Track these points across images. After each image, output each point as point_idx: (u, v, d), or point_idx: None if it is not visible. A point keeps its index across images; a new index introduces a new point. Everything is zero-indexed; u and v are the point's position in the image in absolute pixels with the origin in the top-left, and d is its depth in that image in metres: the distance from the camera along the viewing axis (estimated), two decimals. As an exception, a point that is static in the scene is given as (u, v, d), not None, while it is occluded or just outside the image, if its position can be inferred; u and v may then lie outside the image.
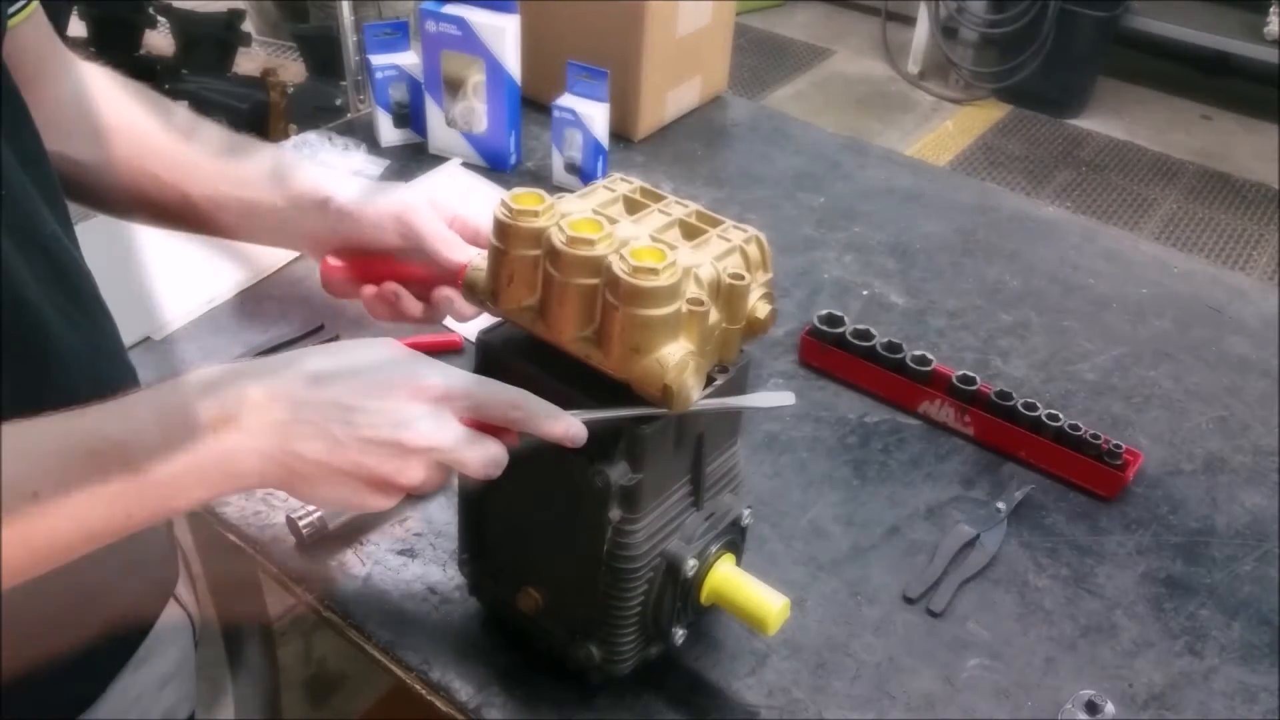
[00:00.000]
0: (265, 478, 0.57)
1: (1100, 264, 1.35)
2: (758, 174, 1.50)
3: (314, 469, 0.57)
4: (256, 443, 0.55)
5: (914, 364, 1.07)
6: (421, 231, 0.79)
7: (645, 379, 0.61)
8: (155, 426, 0.54)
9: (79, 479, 0.51)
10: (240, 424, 0.55)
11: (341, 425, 0.57)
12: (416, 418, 0.59)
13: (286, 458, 0.56)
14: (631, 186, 0.72)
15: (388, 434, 0.58)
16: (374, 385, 0.58)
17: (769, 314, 0.68)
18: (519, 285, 0.65)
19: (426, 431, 0.59)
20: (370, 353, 0.61)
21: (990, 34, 3.66)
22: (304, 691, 1.75)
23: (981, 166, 3.36)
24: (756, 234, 0.69)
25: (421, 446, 0.59)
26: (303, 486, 0.58)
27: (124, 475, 0.52)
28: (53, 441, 0.52)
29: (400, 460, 0.58)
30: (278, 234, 0.84)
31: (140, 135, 0.78)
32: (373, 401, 0.58)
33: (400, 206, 0.80)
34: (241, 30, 2.29)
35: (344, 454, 0.57)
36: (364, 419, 0.57)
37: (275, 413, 0.56)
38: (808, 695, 0.80)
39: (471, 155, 1.45)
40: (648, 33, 1.45)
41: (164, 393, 0.56)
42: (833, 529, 0.94)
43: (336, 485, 0.58)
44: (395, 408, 0.58)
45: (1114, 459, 0.98)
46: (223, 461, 0.55)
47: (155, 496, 0.54)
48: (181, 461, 0.54)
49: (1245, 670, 0.85)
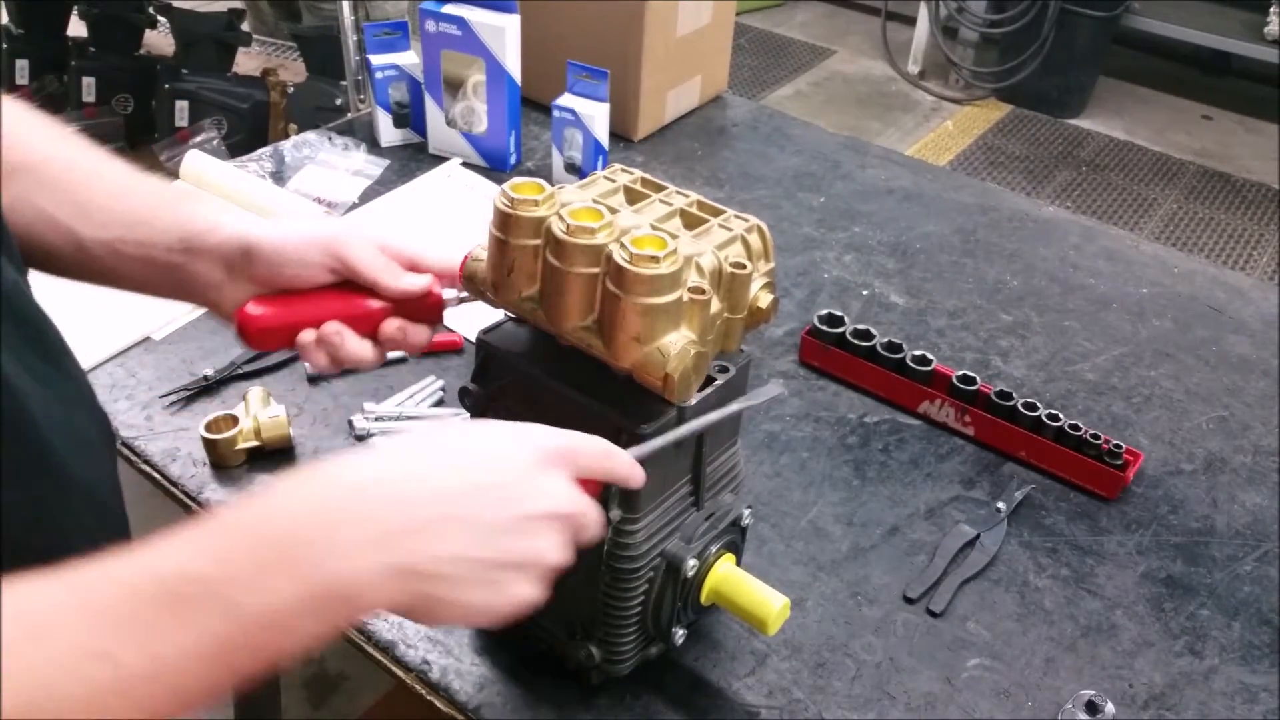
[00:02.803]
0: (394, 596, 0.49)
1: (1100, 264, 1.35)
2: (758, 174, 1.50)
3: (451, 569, 0.50)
4: (378, 556, 0.48)
5: (914, 364, 1.07)
6: (357, 261, 0.68)
7: (646, 368, 0.61)
8: (250, 556, 0.46)
9: (165, 631, 0.43)
10: (354, 540, 0.48)
11: (469, 512, 0.51)
12: (544, 487, 0.54)
13: (418, 564, 0.49)
14: (632, 177, 0.72)
15: (521, 509, 0.52)
16: (487, 460, 0.54)
17: (771, 303, 0.68)
18: (520, 275, 0.65)
19: (558, 496, 0.54)
20: (468, 428, 0.56)
21: (990, 34, 3.66)
22: (304, 691, 1.75)
23: (981, 166, 3.36)
24: (758, 223, 0.69)
25: (559, 513, 0.54)
26: (441, 593, 0.50)
27: (223, 620, 0.44)
28: (117, 589, 0.44)
29: (540, 536, 0.53)
30: (183, 284, 0.69)
31: (38, 171, 0.67)
32: (492, 478, 0.53)
33: (327, 237, 0.69)
34: (242, 30, 2.29)
35: (482, 541, 0.51)
36: (493, 497, 0.52)
37: (391, 519, 0.50)
38: (808, 695, 0.80)
39: (471, 155, 1.45)
40: (648, 33, 1.45)
41: (252, 514, 0.49)
42: (833, 529, 0.94)
43: (478, 584, 0.51)
44: (518, 481, 0.54)
45: (1114, 459, 0.98)
46: (339, 586, 0.47)
47: (261, 641, 0.46)
48: (289, 594, 0.46)
49: (1245, 670, 0.85)
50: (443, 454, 0.54)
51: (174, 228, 0.68)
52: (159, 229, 0.68)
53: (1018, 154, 3.43)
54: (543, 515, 0.54)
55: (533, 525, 0.53)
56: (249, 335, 0.68)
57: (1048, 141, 3.52)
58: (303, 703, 1.73)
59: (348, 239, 0.69)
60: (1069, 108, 3.66)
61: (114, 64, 2.23)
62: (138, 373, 1.06)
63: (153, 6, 2.33)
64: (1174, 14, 3.54)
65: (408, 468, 0.52)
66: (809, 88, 3.83)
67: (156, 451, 0.96)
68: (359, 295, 0.69)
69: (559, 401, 0.67)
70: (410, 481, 0.51)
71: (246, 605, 0.45)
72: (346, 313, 0.69)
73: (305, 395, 1.04)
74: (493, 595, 0.52)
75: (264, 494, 0.49)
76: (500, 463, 0.54)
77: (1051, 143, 3.52)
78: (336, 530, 0.48)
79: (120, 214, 0.67)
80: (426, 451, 0.54)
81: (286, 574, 0.46)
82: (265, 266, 0.68)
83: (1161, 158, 3.47)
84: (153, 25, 2.38)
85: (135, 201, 0.68)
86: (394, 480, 0.51)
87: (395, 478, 0.52)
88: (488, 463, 0.54)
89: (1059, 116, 3.65)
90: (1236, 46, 3.49)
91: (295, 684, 1.74)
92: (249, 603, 0.45)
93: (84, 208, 0.66)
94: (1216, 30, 3.51)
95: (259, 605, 0.45)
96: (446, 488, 0.52)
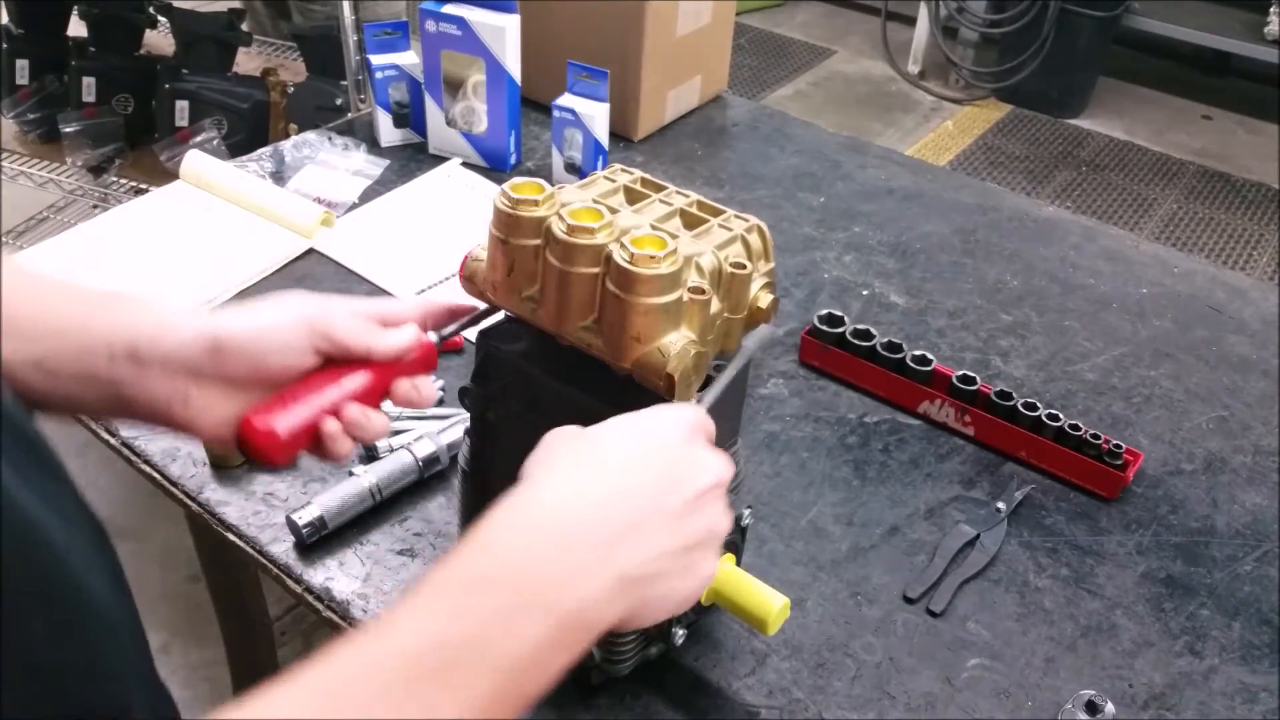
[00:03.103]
0: (620, 607, 0.50)
1: (1100, 264, 1.35)
2: (758, 174, 1.50)
3: (656, 565, 0.51)
4: (601, 572, 0.49)
5: (914, 364, 1.07)
6: (346, 334, 0.61)
7: (647, 368, 0.61)
8: (496, 606, 0.46)
9: (439, 703, 0.43)
10: (579, 564, 0.48)
11: (654, 505, 0.52)
12: (700, 460, 0.55)
13: (631, 569, 0.50)
14: (632, 177, 0.72)
15: (692, 488, 0.53)
16: (648, 452, 0.54)
17: (771, 303, 0.68)
18: (519, 275, 0.65)
19: (712, 465, 0.55)
20: (605, 428, 0.56)
21: (990, 34, 3.66)
22: (304, 691, 1.75)
23: (981, 166, 3.36)
24: (758, 223, 0.69)
25: (718, 481, 0.55)
26: (653, 592, 0.51)
27: (490, 676, 0.45)
28: (378, 680, 0.43)
29: (710, 508, 0.55)
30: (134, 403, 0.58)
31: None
32: (659, 467, 0.53)
33: (308, 316, 0.61)
34: (242, 30, 2.29)
35: (671, 529, 0.52)
36: (667, 484, 0.53)
37: (597, 534, 0.50)
38: (808, 695, 0.80)
39: (471, 155, 1.45)
40: (648, 33, 1.45)
41: (478, 565, 0.48)
42: (833, 529, 0.94)
43: (678, 573, 0.52)
44: (679, 461, 0.54)
45: (1114, 459, 0.98)
46: (580, 612, 0.48)
47: (523, 686, 0.46)
48: (541, 633, 0.46)
49: (1245, 670, 0.85)
50: (605, 458, 0.54)
51: (115, 334, 0.57)
52: (96, 335, 0.56)
53: (1018, 154, 3.43)
54: (708, 489, 0.54)
55: (703, 501, 0.54)
56: (271, 451, 0.58)
57: (1048, 141, 3.52)
58: (303, 703, 1.73)
59: (329, 313, 0.62)
60: (1069, 108, 3.66)
61: (114, 64, 2.23)
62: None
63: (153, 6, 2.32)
64: (1174, 14, 3.54)
65: (585, 480, 0.52)
66: (809, 88, 3.83)
67: (156, 451, 0.96)
68: (353, 369, 0.62)
69: (559, 401, 0.68)
70: (595, 492, 0.51)
71: (506, 655, 0.45)
72: (357, 390, 0.62)
73: (305, 395, 1.04)
74: (690, 579, 0.53)
75: (469, 543, 0.49)
76: (660, 450, 0.54)
77: (1051, 143, 3.52)
78: (561, 558, 0.48)
79: (47, 323, 0.56)
80: (589, 460, 0.54)
81: (533, 615, 0.46)
82: (243, 361, 0.58)
83: (1161, 158, 3.47)
84: (153, 25, 2.38)
85: (65, 308, 0.57)
86: (582, 495, 0.51)
87: (581, 493, 0.51)
88: (649, 454, 0.54)
89: (1059, 116, 3.65)
90: (1236, 46, 3.49)
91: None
92: (507, 652, 0.45)
93: (11, 323, 0.55)
94: (1216, 30, 3.51)
95: (516, 652, 0.45)
96: (627, 488, 0.52)
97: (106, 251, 1.23)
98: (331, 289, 1.20)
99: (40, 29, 2.33)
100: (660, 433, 0.55)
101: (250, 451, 0.58)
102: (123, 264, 1.20)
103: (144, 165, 2.20)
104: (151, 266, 1.20)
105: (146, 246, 1.24)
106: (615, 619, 0.50)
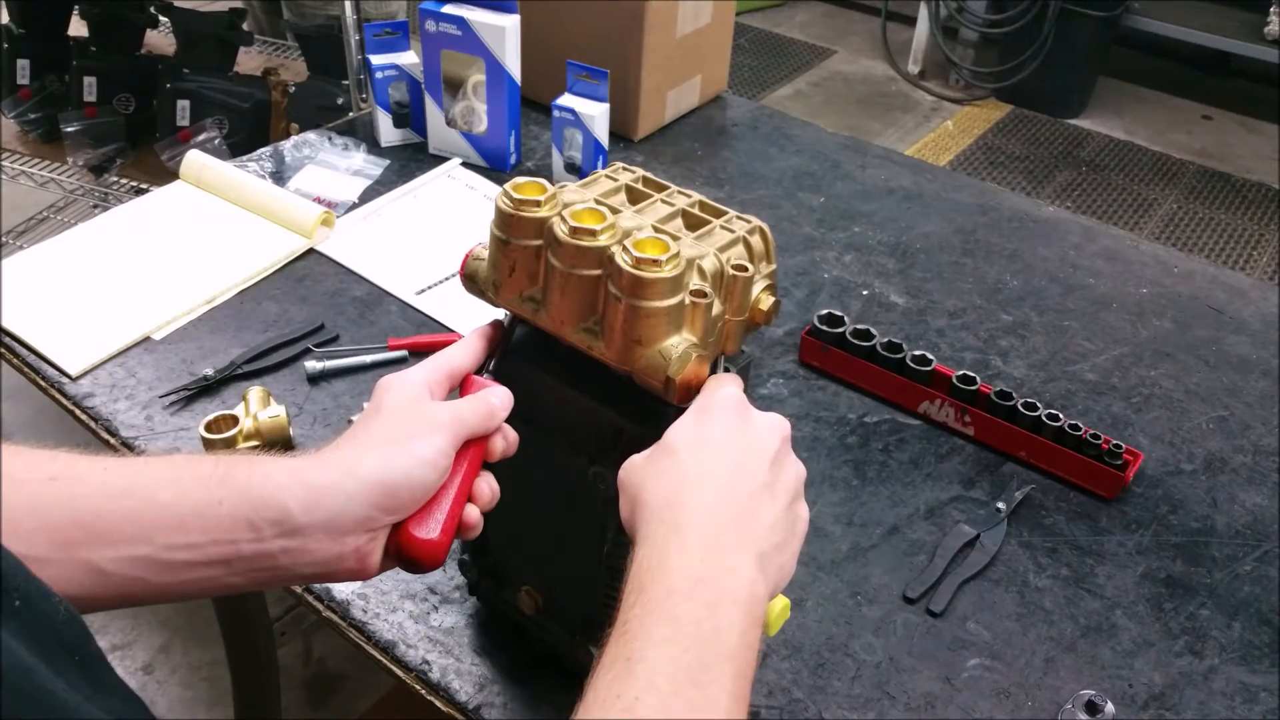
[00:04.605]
0: (768, 580, 0.56)
1: (1100, 264, 1.35)
2: (758, 174, 1.50)
3: (777, 535, 0.57)
4: (752, 550, 0.55)
5: (914, 364, 1.07)
6: (477, 426, 0.60)
7: (648, 371, 0.61)
8: (706, 609, 0.52)
9: (699, 700, 0.49)
10: (735, 549, 0.54)
11: (752, 483, 0.57)
12: (762, 424, 0.61)
13: (765, 542, 0.56)
14: (634, 176, 0.72)
15: (767, 454, 0.59)
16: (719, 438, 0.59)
17: (772, 305, 0.68)
18: (521, 275, 0.65)
19: (774, 426, 0.61)
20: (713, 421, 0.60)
21: (990, 34, 3.66)
22: (304, 691, 1.75)
23: (981, 166, 3.36)
24: (760, 225, 0.68)
25: (784, 437, 0.61)
26: (781, 561, 0.57)
27: (731, 668, 0.50)
28: (634, 705, 0.50)
29: (788, 460, 0.61)
30: (287, 570, 0.55)
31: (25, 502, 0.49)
32: (739, 452, 0.58)
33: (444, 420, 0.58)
34: (243, 29, 2.29)
35: (774, 496, 0.58)
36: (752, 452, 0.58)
37: (732, 515, 0.56)
38: (808, 695, 0.80)
39: (471, 155, 1.45)
40: (648, 33, 1.45)
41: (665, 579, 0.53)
42: (833, 529, 0.94)
43: (791, 528, 0.59)
44: (765, 433, 0.60)
45: (1114, 459, 0.98)
46: (756, 594, 0.54)
47: (749, 666, 0.52)
48: (740, 616, 0.52)
49: (1245, 670, 0.85)
50: (701, 443, 0.58)
51: (255, 511, 0.52)
52: (227, 517, 0.52)
53: (1018, 154, 3.43)
54: (778, 448, 0.60)
55: (779, 460, 0.59)
56: (440, 558, 0.58)
57: (1048, 141, 3.52)
58: (303, 703, 1.73)
59: (459, 417, 0.59)
60: (1069, 108, 3.66)
61: (115, 63, 2.23)
62: (138, 373, 1.06)
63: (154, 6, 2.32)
64: (1174, 14, 3.54)
65: (699, 497, 0.56)
66: (809, 88, 3.83)
67: (156, 452, 0.96)
68: (466, 448, 0.60)
69: (559, 401, 0.67)
70: (711, 500, 0.56)
71: (730, 647, 0.51)
72: (478, 465, 0.62)
73: (305, 395, 1.04)
74: (798, 530, 0.59)
75: (646, 581, 0.53)
76: (727, 437, 0.59)
77: (1051, 143, 3.52)
78: (721, 560, 0.54)
79: (151, 518, 0.51)
80: (681, 477, 0.57)
81: (727, 605, 0.52)
82: (418, 496, 0.57)
83: (1161, 158, 3.47)
84: (154, 25, 2.38)
85: (163, 494, 0.52)
86: (704, 507, 0.55)
87: (702, 504, 0.56)
88: (721, 444, 0.58)
89: (1059, 116, 3.65)
90: (1236, 46, 3.48)
91: (295, 684, 1.74)
92: (729, 645, 0.51)
93: (88, 527, 0.50)
94: (1216, 30, 3.51)
95: (737, 639, 0.51)
96: (731, 485, 0.57)
97: (107, 251, 1.23)
98: (331, 289, 1.20)
99: (41, 29, 2.33)
100: (719, 422, 0.59)
101: (419, 564, 0.58)
102: (123, 264, 1.21)
103: (145, 165, 2.20)
104: (151, 266, 1.20)
105: (147, 246, 1.24)
106: (768, 591, 0.56)
